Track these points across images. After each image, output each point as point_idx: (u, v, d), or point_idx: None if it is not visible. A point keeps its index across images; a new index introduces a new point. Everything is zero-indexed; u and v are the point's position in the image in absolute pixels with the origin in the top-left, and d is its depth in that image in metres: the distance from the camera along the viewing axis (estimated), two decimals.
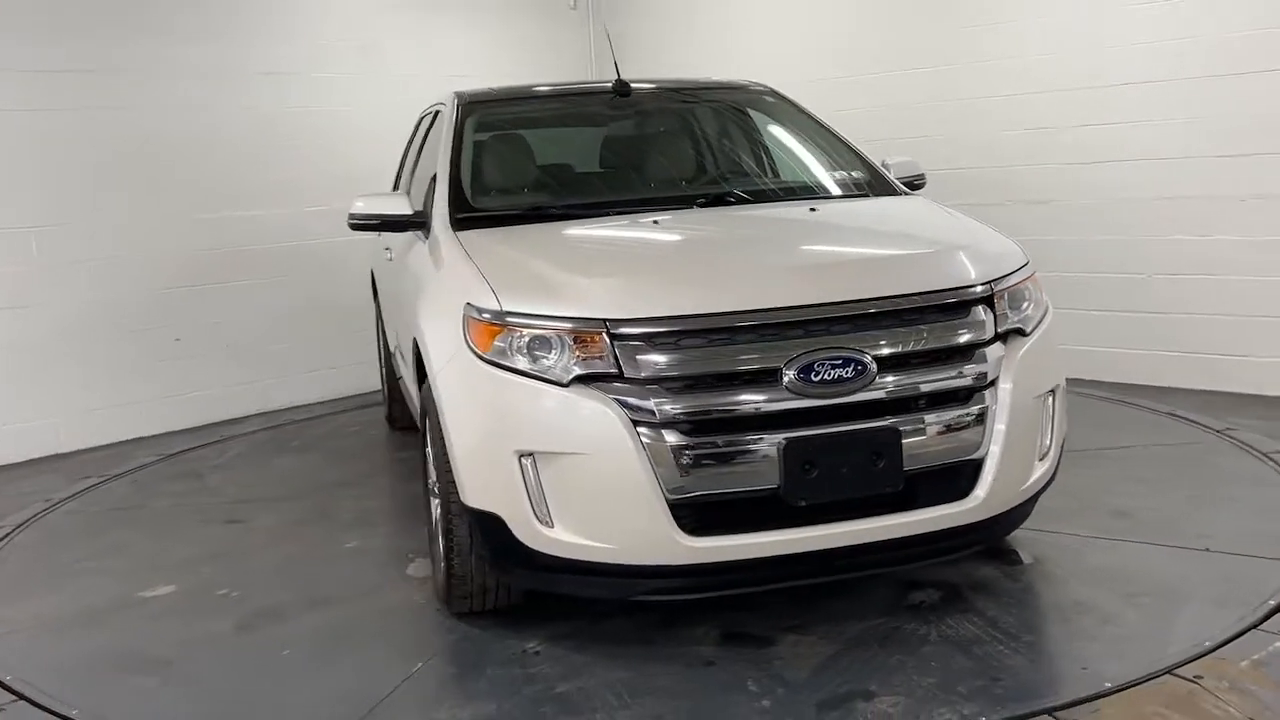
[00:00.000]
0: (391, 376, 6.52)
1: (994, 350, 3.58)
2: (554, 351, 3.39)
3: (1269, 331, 6.31)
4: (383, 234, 5.98)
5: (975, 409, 3.52)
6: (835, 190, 4.60)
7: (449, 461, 3.67)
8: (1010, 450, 3.56)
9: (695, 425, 3.31)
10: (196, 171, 7.37)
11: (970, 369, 3.52)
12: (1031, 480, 3.69)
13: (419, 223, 4.50)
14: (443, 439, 3.71)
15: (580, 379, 3.35)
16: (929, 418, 3.46)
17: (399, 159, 6.60)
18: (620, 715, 3.26)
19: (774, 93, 5.28)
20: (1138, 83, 6.68)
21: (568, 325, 3.39)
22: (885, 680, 3.36)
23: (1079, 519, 4.55)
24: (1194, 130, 6.49)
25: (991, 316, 3.60)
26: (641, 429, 3.29)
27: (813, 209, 4.27)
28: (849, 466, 3.37)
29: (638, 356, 3.33)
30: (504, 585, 3.85)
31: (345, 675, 3.64)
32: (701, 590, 3.55)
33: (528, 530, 3.44)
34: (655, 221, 4.10)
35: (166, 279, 7.31)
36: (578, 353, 3.36)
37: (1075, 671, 3.36)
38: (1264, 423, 5.74)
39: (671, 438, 3.30)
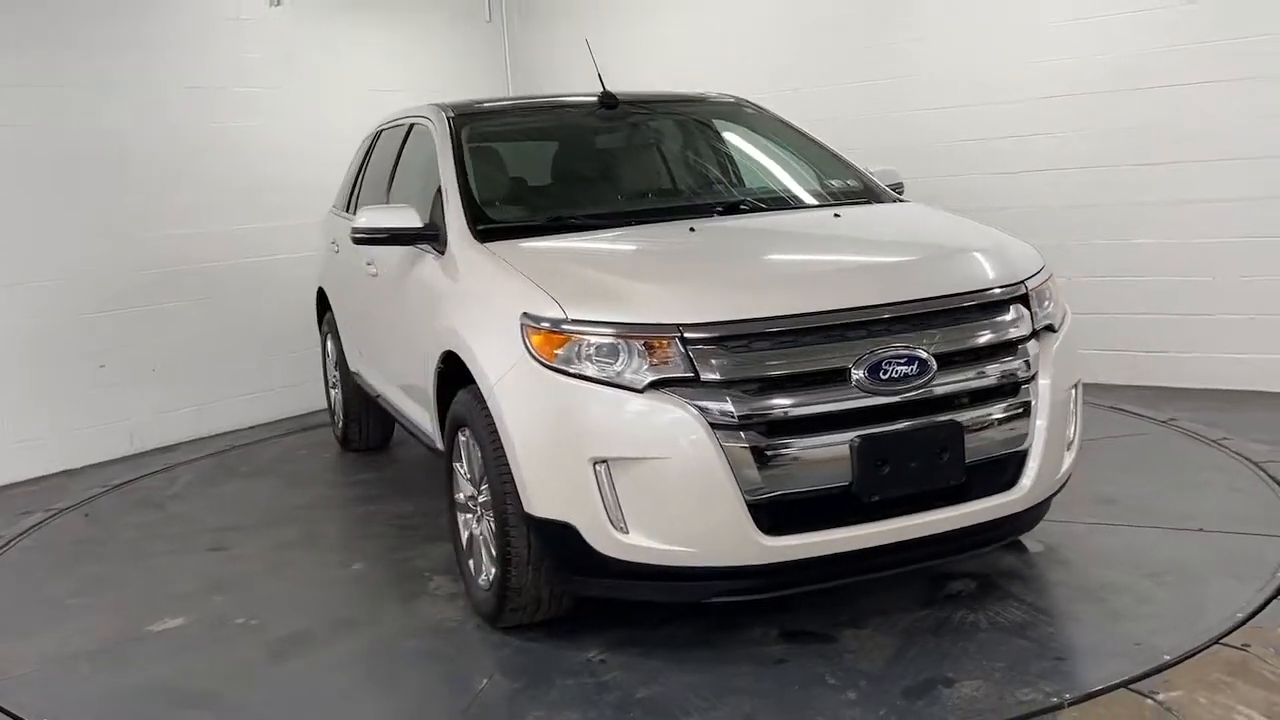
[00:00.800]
0: (349, 397, 6.38)
1: (1032, 346, 3.75)
2: (625, 357, 3.40)
3: (1186, 329, 6.71)
4: (340, 249, 5.91)
5: (1021, 402, 3.68)
6: (842, 197, 4.72)
7: (504, 472, 3.64)
8: (1050, 441, 3.73)
9: (771, 426, 3.37)
10: (118, 190, 7.07)
11: (1016, 364, 3.68)
12: (1064, 469, 3.87)
13: (430, 236, 4.44)
14: (495, 450, 3.67)
15: (654, 384, 3.37)
16: (984, 412, 3.59)
17: (353, 174, 6.46)
18: (711, 716, 3.28)
19: (754, 105, 5.40)
20: (1058, 96, 7.03)
21: (639, 331, 3.41)
22: (958, 666, 3.47)
23: (1070, 507, 4.71)
24: (1110, 140, 6.88)
25: (1028, 314, 3.77)
26: (719, 431, 3.33)
27: (836, 215, 4.38)
28: (917, 461, 3.47)
29: (712, 360, 3.37)
30: (557, 596, 3.82)
31: (411, 696, 3.58)
32: (777, 589, 3.60)
33: (602, 537, 3.44)
34: (691, 229, 4.15)
35: (89, 303, 6.98)
36: (650, 358, 3.38)
37: (1130, 648, 3.52)
38: (1199, 414, 6.09)
39: (749, 439, 3.35)
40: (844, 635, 3.75)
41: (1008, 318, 3.71)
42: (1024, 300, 3.79)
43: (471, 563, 4.14)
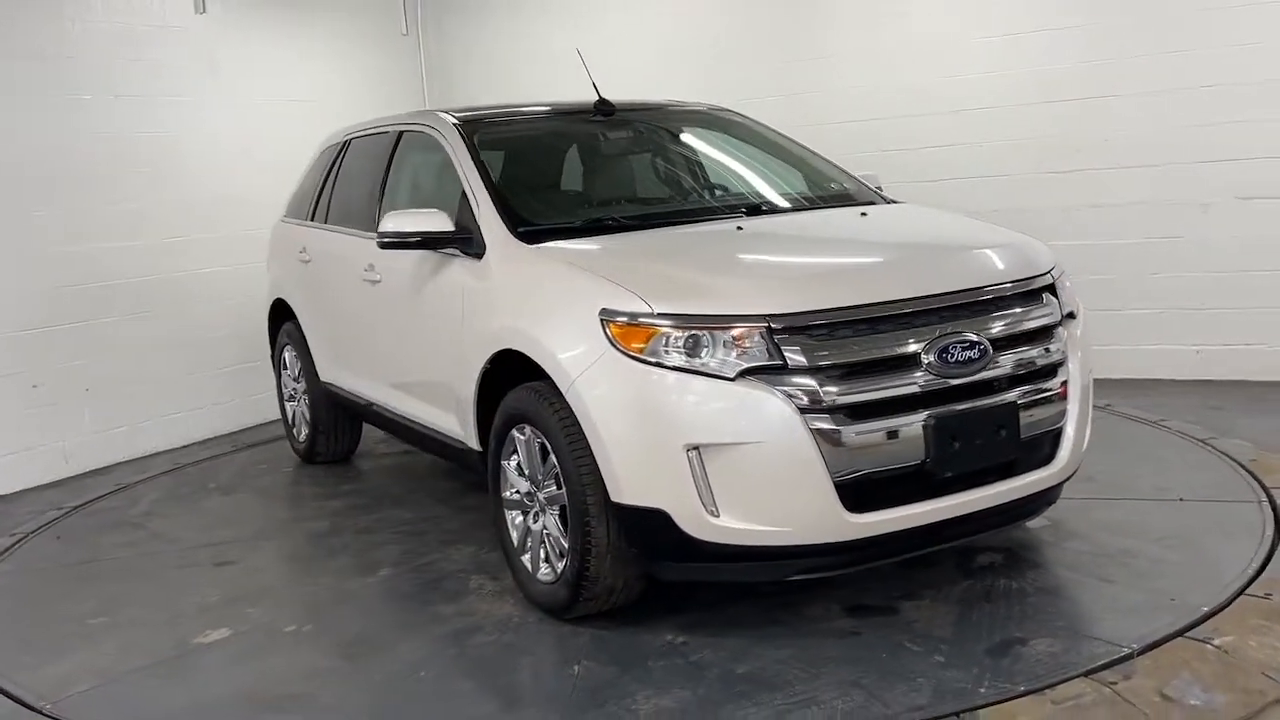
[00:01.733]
0: (318, 408, 6.31)
1: (1061, 331, 4.06)
2: (715, 348, 3.55)
3: (1107, 322, 7.23)
4: (311, 258, 5.89)
5: (1059, 382, 3.99)
6: (849, 199, 4.95)
7: (583, 463, 3.75)
8: (1080, 419, 4.06)
9: (853, 409, 3.57)
10: (44, 203, 6.81)
11: (1054, 347, 3.98)
12: (1085, 446, 4.19)
13: (463, 239, 4.50)
14: (572, 443, 3.77)
15: (744, 372, 3.54)
16: (1031, 391, 3.88)
17: (315, 184, 6.40)
18: (819, 684, 3.46)
19: (738, 113, 5.62)
20: (977, 109, 7.50)
21: (727, 322, 3.57)
22: (1023, 627, 3.74)
23: None
24: (1025, 149, 7.38)
25: (1057, 301, 4.09)
26: (808, 415, 3.52)
27: (863, 213, 4.63)
28: (981, 439, 3.74)
29: (797, 348, 3.55)
30: (629, 584, 3.93)
31: (509, 686, 3.64)
32: (858, 564, 3.79)
33: (695, 521, 3.58)
34: (739, 228, 4.33)
35: (18, 321, 6.70)
36: (738, 348, 3.55)
37: (1166, 602, 3.85)
38: (1130, 399, 6.58)
39: (835, 422, 3.54)
40: (904, 607, 3.98)
41: (1043, 305, 4.02)
42: (1052, 289, 4.10)
43: (527, 558, 4.20)
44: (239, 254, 7.87)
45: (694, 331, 3.58)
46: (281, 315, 6.69)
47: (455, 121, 5.02)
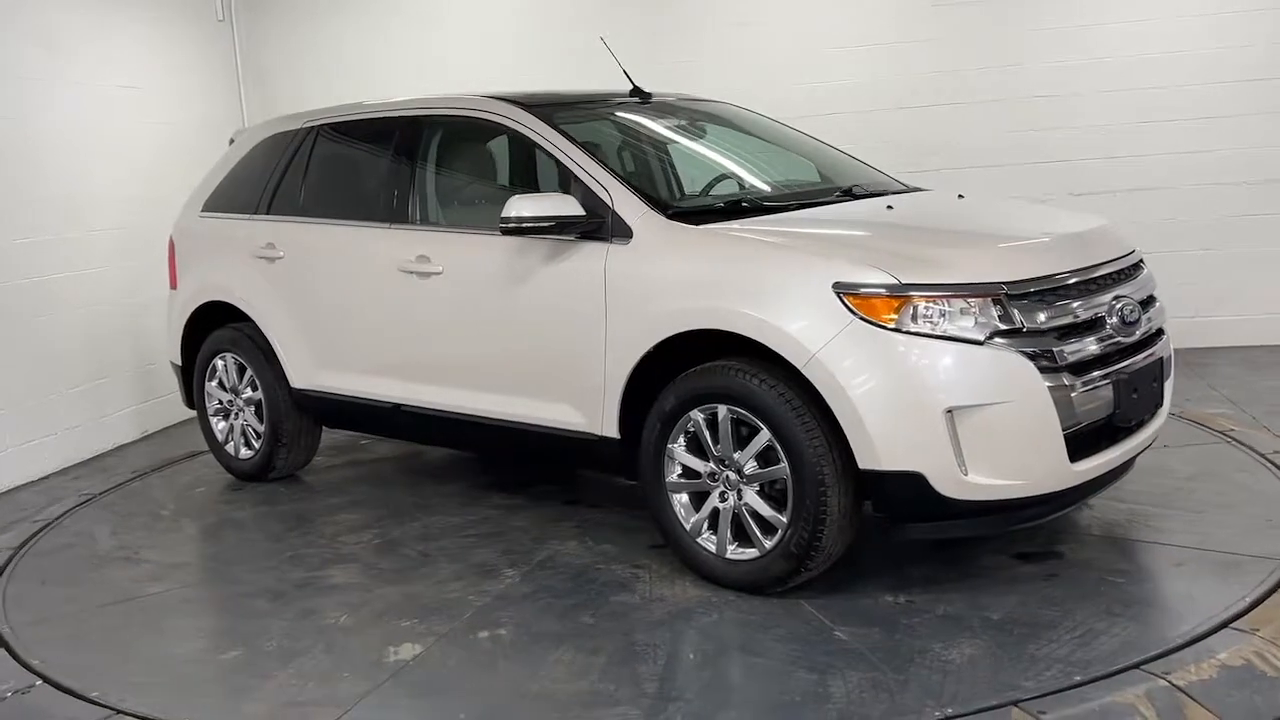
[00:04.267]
0: (281, 420, 5.80)
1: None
2: (961, 315, 3.79)
3: None
4: (284, 255, 5.54)
5: (1166, 339, 4.53)
6: (891, 186, 5.25)
7: (814, 435, 3.86)
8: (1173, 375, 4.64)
9: (1074, 367, 3.92)
10: None
11: (1160, 310, 4.52)
12: None
13: (597, 223, 4.42)
14: (800, 416, 3.87)
15: (991, 336, 3.80)
16: (1164, 348, 4.40)
17: (267, 177, 5.88)
18: (1080, 616, 3.79)
19: (743, 107, 5.82)
20: (843, 113, 8.10)
21: (971, 290, 3.82)
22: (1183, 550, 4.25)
23: None
24: (887, 153, 8.04)
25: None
26: (1045, 375, 3.83)
27: (960, 196, 4.97)
28: (1147, 390, 4.21)
29: (1027, 313, 3.86)
30: (837, 550, 4.04)
31: (794, 655, 3.66)
32: (1061, 510, 4.12)
33: (948, 481, 3.78)
34: (889, 206, 4.57)
35: None
36: (983, 313, 3.80)
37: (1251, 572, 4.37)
38: None
39: (1064, 379, 3.88)
40: (1067, 550, 4.37)
41: (1146, 272, 4.56)
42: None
43: (706, 538, 4.21)
44: (90, 255, 7.04)
45: (942, 300, 3.78)
46: (210, 321, 6.08)
47: (531, 108, 4.88)
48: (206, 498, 5.95)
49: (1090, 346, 3.98)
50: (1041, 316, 3.88)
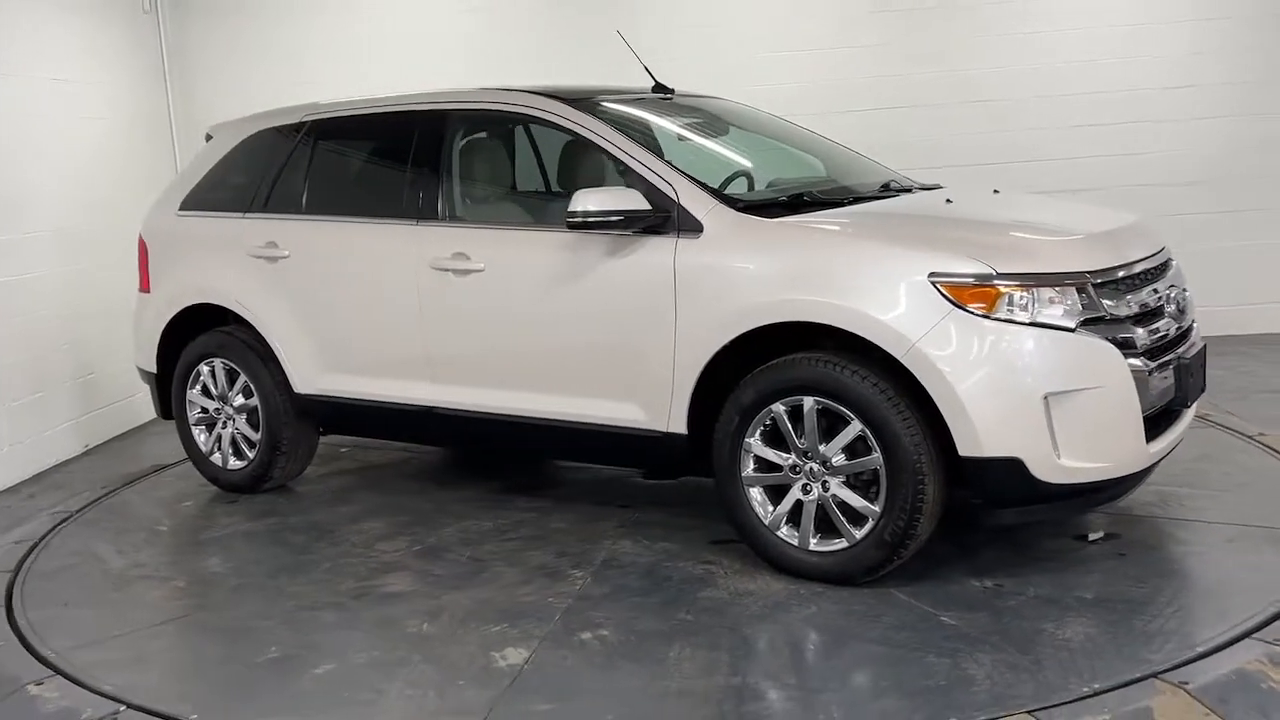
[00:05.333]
0: (280, 428, 5.54)
1: None
2: (1052, 303, 3.91)
3: None
4: (289, 254, 5.35)
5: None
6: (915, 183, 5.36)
7: (910, 425, 3.92)
8: None
9: (1149, 352, 4.09)
10: None
11: (1191, 301, 4.74)
12: None
13: (662, 217, 4.39)
14: (897, 406, 3.92)
15: (1082, 323, 3.93)
16: (1198, 335, 4.63)
17: (263, 173, 5.61)
18: (1169, 593, 3.94)
19: (745, 104, 5.86)
20: (788, 115, 8.19)
21: (1061, 279, 3.94)
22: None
23: None
24: None
25: None
26: (1129, 360, 3.98)
27: (996, 191, 5.10)
28: (1197, 375, 4.40)
29: (1108, 300, 4.00)
30: (926, 538, 4.11)
31: (921, 640, 3.70)
32: (1130, 490, 4.27)
33: (1044, 465, 3.88)
34: (948, 200, 4.66)
35: None
36: (1072, 301, 3.93)
37: None
38: None
39: (1143, 364, 4.03)
40: (1120, 531, 4.54)
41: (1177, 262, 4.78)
42: None
43: (787, 531, 4.21)
44: (27, 260, 6.62)
45: (1036, 289, 3.89)
46: (196, 324, 5.79)
47: (576, 103, 4.82)
48: (200, 511, 5.63)
49: (1157, 333, 4.15)
50: (1120, 304, 4.03)
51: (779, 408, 4.17)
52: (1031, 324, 3.87)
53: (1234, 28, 8.06)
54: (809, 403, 4.11)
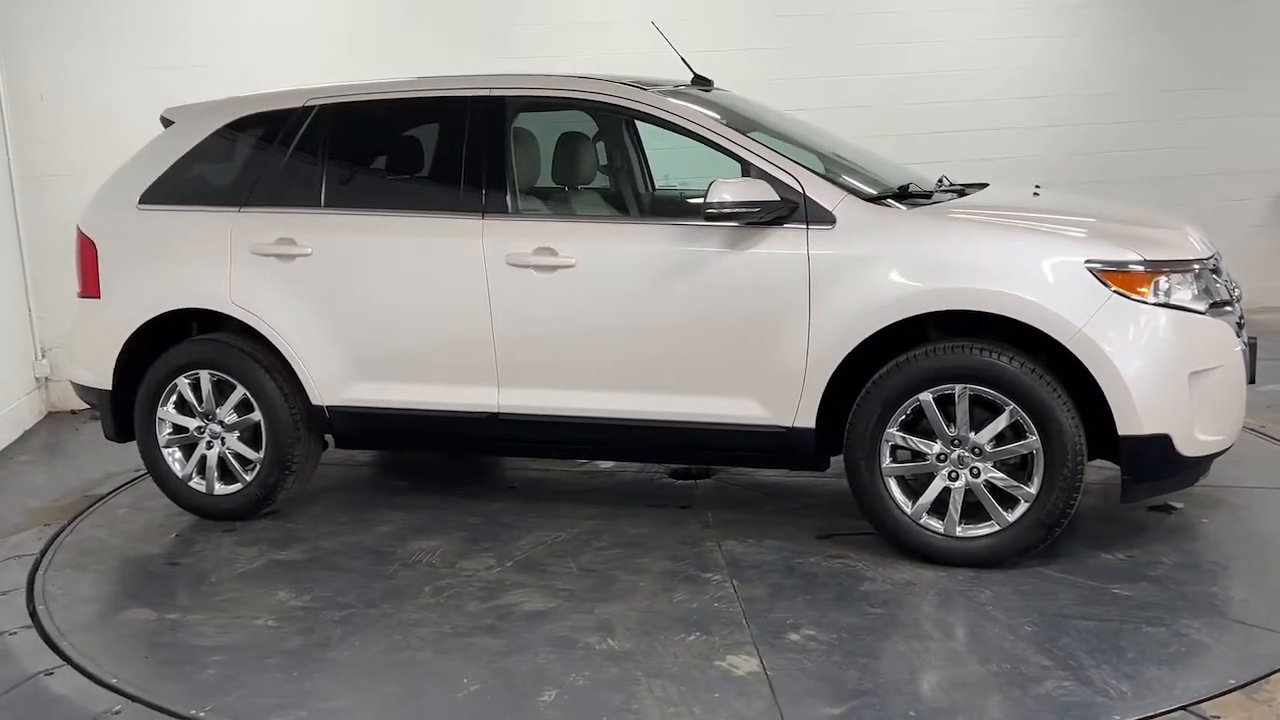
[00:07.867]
0: (290, 445, 4.98)
1: None
2: (1188, 288, 4.19)
3: None
4: (312, 251, 4.90)
5: None
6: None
7: (1069, 408, 4.06)
8: None
9: (1239, 334, 4.45)
10: None
11: None
12: None
13: (790, 209, 4.33)
14: (1055, 390, 4.06)
15: (1210, 306, 4.23)
16: None
17: (267, 163, 5.04)
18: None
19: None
20: None
21: (1191, 266, 4.23)
22: None
23: None
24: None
25: None
26: (1239, 340, 4.33)
27: (1036, 191, 5.30)
28: (1251, 359, 4.81)
29: (1210, 285, 4.32)
30: None
31: (1107, 619, 3.82)
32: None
33: (1187, 440, 4.14)
34: (1036, 194, 4.84)
35: None
36: (1199, 286, 4.23)
37: None
38: None
39: (1243, 345, 4.39)
40: (1177, 503, 4.88)
41: None
42: None
43: (931, 519, 4.26)
44: None
45: (1176, 275, 4.16)
46: (172, 333, 5.13)
47: (658, 90, 4.71)
48: (198, 542, 4.93)
49: (1240, 316, 4.51)
50: (1218, 287, 4.35)
51: (926, 396, 4.20)
52: (1176, 307, 4.11)
53: (1083, 44, 8.84)
54: (959, 390, 4.17)
